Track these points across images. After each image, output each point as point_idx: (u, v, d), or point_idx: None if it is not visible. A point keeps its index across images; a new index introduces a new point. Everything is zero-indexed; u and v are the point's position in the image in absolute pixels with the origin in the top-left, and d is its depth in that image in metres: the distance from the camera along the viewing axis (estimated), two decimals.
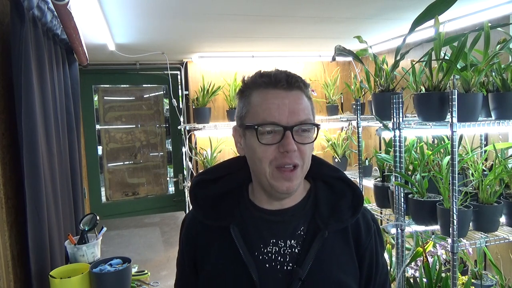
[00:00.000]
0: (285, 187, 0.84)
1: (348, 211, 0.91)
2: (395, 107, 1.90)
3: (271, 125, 0.82)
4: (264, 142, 0.83)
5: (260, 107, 0.84)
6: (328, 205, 0.91)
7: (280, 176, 0.83)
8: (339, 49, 1.98)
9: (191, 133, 3.45)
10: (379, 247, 0.95)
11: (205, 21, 2.14)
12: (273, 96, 0.83)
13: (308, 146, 0.85)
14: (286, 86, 0.83)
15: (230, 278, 0.87)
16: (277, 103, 0.82)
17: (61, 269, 1.52)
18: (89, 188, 3.46)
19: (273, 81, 0.84)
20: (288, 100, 0.83)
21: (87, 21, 1.93)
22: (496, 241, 1.72)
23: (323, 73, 3.73)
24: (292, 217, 0.90)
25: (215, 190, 0.94)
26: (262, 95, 0.84)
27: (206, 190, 0.95)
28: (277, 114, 0.82)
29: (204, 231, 0.93)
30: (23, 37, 1.24)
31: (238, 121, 0.90)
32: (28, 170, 1.29)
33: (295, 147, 0.82)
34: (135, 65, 3.39)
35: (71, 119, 2.14)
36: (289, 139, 0.81)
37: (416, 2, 1.87)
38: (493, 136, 2.17)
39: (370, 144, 3.50)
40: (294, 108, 0.83)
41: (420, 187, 1.86)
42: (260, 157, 0.83)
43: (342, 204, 0.91)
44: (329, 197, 0.93)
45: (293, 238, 0.88)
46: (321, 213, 0.89)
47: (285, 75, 0.85)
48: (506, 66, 1.67)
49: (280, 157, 0.82)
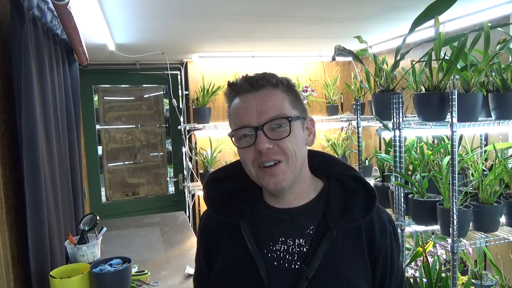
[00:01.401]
0: (272, 184, 0.85)
1: (360, 210, 0.89)
2: (395, 107, 1.90)
3: (242, 129, 0.85)
4: (242, 146, 0.87)
5: (233, 114, 0.89)
6: (340, 204, 0.90)
7: (264, 174, 0.85)
8: (339, 49, 1.98)
9: (191, 133, 3.46)
10: (394, 249, 0.92)
11: (205, 21, 2.14)
12: (240, 101, 0.87)
13: (288, 140, 0.84)
14: (249, 88, 0.86)
15: (239, 274, 0.88)
16: (244, 107, 0.85)
17: (61, 269, 1.52)
18: (89, 188, 3.46)
19: (237, 89, 0.88)
20: (255, 101, 0.85)
21: (87, 21, 1.93)
22: (496, 241, 1.72)
23: (323, 73, 3.73)
24: (302, 216, 0.90)
25: (228, 188, 0.97)
26: (234, 103, 0.89)
27: (218, 188, 0.98)
28: (246, 117, 0.85)
29: (218, 229, 0.95)
30: (23, 37, 1.24)
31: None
32: (28, 170, 1.29)
33: (267, 145, 0.83)
34: (135, 65, 3.39)
35: (71, 119, 2.14)
36: (259, 139, 0.83)
37: (416, 2, 1.87)
38: (493, 136, 2.17)
39: (370, 144, 3.50)
40: (261, 107, 0.84)
41: (420, 187, 1.86)
42: (244, 160, 0.88)
43: (354, 203, 0.90)
44: (342, 195, 0.92)
45: (302, 237, 0.88)
46: (331, 212, 0.89)
47: (248, 78, 0.87)
48: (506, 66, 1.67)
49: (258, 156, 0.84)
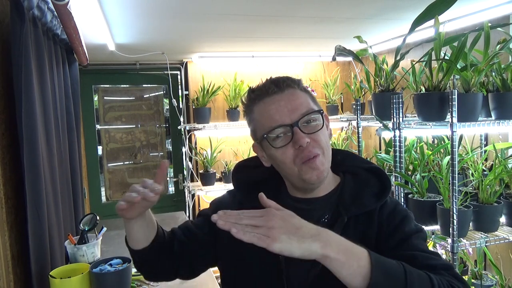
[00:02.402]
0: (315, 176, 0.87)
1: (372, 197, 0.91)
2: (395, 107, 1.90)
3: (277, 128, 0.87)
4: (279, 145, 0.87)
5: (262, 117, 0.90)
6: (352, 193, 0.93)
7: (307, 169, 0.86)
8: (339, 49, 1.98)
9: (191, 133, 3.46)
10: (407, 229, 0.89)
11: (205, 21, 2.14)
12: (269, 103, 0.89)
13: (320, 133, 0.88)
14: (276, 89, 0.89)
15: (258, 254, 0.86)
16: (274, 107, 0.88)
17: (61, 269, 1.52)
18: (89, 188, 3.46)
19: (264, 91, 0.90)
20: (284, 101, 0.88)
21: (87, 21, 1.93)
22: (496, 241, 1.72)
23: (323, 73, 3.73)
24: (319, 206, 0.93)
25: (253, 176, 1.00)
26: (260, 107, 0.91)
27: (245, 176, 1.01)
28: (278, 116, 0.87)
29: (239, 206, 0.94)
30: (23, 37, 1.24)
31: (254, 138, 0.96)
32: (28, 170, 1.29)
33: (307, 139, 0.85)
34: (135, 65, 3.39)
35: (71, 119, 2.14)
36: (298, 134, 0.85)
37: (416, 2, 1.87)
38: (493, 136, 2.17)
39: (370, 144, 3.50)
40: (291, 105, 0.87)
41: (420, 187, 1.86)
42: (282, 160, 0.88)
43: (365, 191, 0.92)
44: (354, 186, 0.94)
45: (317, 225, 0.89)
46: (343, 201, 0.91)
47: (271, 80, 0.91)
48: (506, 66, 1.66)
49: (299, 153, 0.86)
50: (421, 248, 0.86)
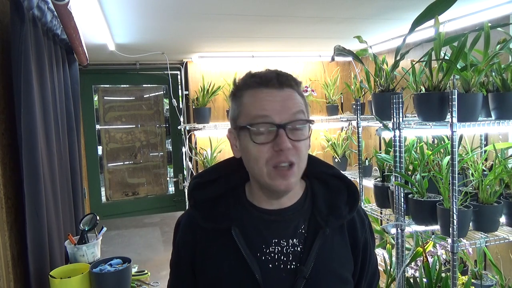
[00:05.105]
0: (283, 186, 0.83)
1: (345, 207, 0.92)
2: (395, 107, 1.90)
3: (263, 124, 0.81)
4: (258, 141, 0.82)
5: (252, 106, 0.83)
6: (326, 203, 0.92)
7: (277, 175, 0.82)
8: (339, 49, 1.98)
9: (191, 133, 3.45)
10: (371, 240, 0.98)
11: (205, 21, 2.14)
12: (264, 95, 0.83)
13: (303, 143, 0.84)
14: (277, 85, 0.83)
15: (235, 280, 0.87)
16: (269, 100, 0.82)
17: (61, 269, 1.52)
18: (89, 188, 3.46)
19: (264, 81, 0.84)
20: (280, 98, 0.83)
21: (87, 21, 1.93)
22: (496, 241, 1.72)
23: (323, 73, 3.73)
24: (292, 216, 0.90)
25: (212, 192, 0.93)
26: (253, 94, 0.84)
27: (203, 193, 0.93)
28: (269, 112, 0.81)
29: (203, 234, 0.91)
30: (23, 37, 1.24)
31: (232, 123, 0.90)
32: (27, 170, 1.29)
33: (289, 144, 0.80)
34: (135, 65, 3.39)
35: (71, 119, 2.14)
36: (283, 137, 0.80)
37: (416, 2, 1.87)
38: (493, 136, 2.17)
39: (370, 144, 3.50)
40: (286, 106, 0.82)
41: (420, 187, 1.86)
42: (256, 157, 0.83)
43: (339, 200, 0.92)
44: (326, 194, 0.93)
45: (295, 237, 0.88)
46: (320, 210, 0.90)
47: (276, 74, 0.85)
48: (506, 66, 1.66)
49: (275, 155, 0.81)
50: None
